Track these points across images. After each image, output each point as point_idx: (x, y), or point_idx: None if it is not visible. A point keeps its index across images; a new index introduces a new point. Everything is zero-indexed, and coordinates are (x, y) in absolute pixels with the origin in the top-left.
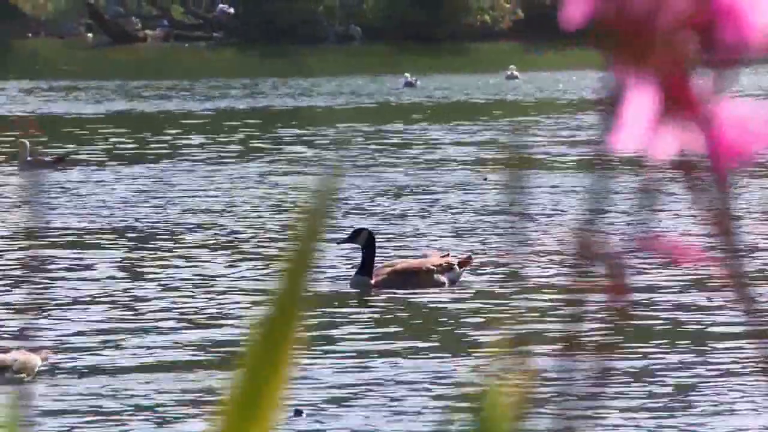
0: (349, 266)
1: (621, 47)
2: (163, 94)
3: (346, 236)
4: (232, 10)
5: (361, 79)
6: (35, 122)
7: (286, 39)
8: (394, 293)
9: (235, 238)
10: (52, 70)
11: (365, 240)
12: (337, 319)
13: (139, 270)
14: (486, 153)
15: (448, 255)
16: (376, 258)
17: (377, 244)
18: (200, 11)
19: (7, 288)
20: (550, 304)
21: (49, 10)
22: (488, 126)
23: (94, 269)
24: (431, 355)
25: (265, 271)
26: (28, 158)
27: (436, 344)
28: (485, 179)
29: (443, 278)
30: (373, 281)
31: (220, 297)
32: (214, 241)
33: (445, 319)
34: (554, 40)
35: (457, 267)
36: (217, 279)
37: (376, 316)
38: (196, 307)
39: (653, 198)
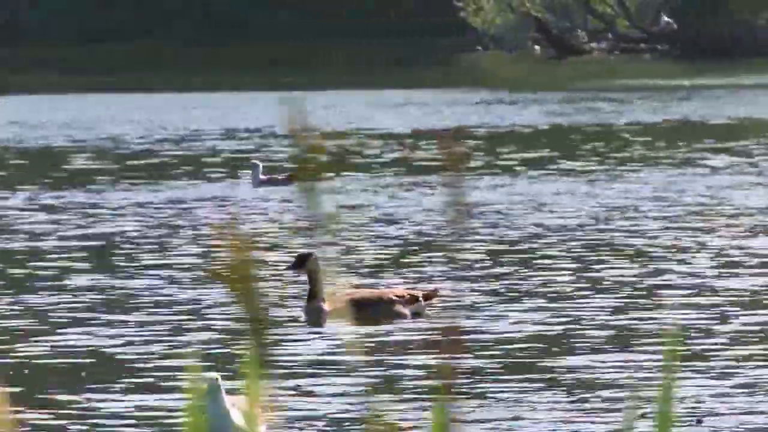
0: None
1: None
2: (605, 106)
3: (291, 262)
4: (675, 24)
5: None
6: (460, 134)
7: (729, 51)
8: (351, 323)
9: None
10: (496, 83)
11: (313, 264)
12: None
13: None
14: None
15: (414, 288)
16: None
17: None
18: (644, 24)
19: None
20: None
21: (497, 24)
22: None
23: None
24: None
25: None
26: (262, 177)
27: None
28: None
29: (405, 310)
30: (328, 309)
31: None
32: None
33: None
34: None
35: (422, 300)
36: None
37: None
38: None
39: None
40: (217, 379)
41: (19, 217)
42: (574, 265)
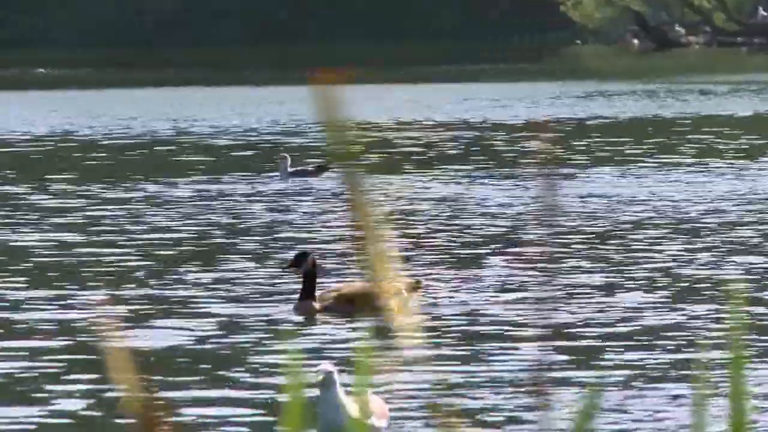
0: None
1: None
2: (703, 98)
3: (290, 261)
4: None
5: None
6: (550, 125)
7: None
8: (340, 318)
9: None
10: (596, 75)
11: (311, 264)
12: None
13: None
14: None
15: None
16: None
17: None
18: (741, 17)
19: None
20: None
21: (596, 18)
22: None
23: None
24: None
25: None
26: (290, 169)
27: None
28: None
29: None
30: (318, 306)
31: None
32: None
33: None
34: None
35: (404, 292)
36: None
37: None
38: None
39: None
40: (332, 372)
41: (98, 210)
42: (669, 257)
